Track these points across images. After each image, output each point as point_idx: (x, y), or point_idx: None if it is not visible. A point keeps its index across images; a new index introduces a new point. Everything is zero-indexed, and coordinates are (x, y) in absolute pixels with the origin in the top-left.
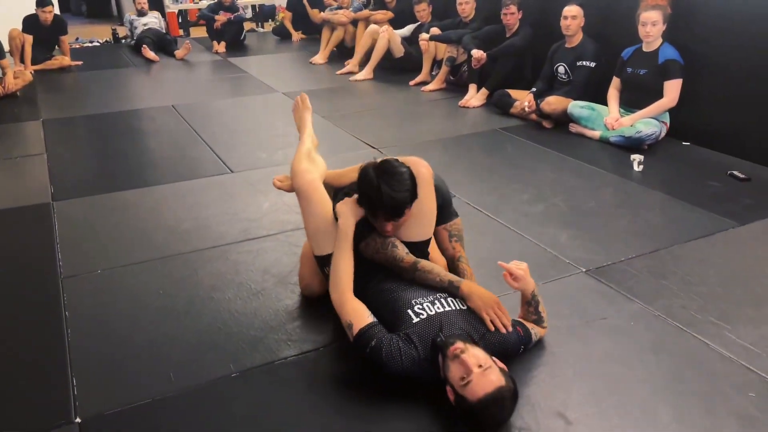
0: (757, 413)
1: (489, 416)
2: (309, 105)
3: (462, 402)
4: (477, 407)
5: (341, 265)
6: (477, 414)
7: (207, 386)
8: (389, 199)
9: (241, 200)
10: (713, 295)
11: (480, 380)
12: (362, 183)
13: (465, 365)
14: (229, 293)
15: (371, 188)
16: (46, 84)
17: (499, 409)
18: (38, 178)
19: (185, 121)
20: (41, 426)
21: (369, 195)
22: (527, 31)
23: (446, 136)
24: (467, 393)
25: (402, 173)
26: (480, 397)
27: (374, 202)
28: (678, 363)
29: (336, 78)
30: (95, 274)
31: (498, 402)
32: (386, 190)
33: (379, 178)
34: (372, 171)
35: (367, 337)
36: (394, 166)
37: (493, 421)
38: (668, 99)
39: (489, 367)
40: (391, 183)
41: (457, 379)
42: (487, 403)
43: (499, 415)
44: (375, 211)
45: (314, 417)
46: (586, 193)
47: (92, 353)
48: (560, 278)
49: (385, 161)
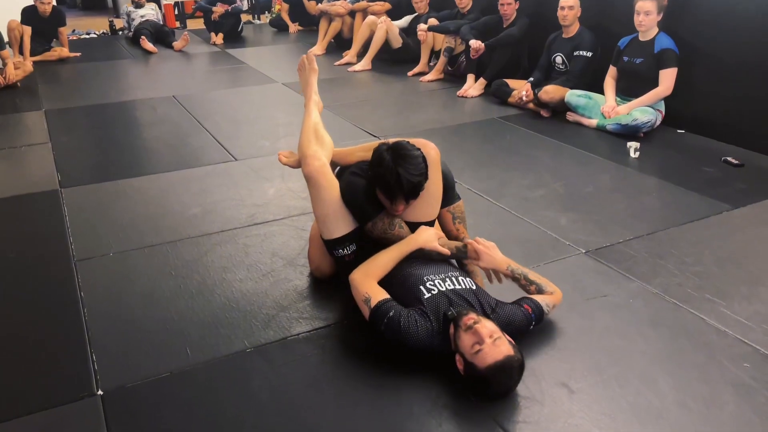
0: (752, 382)
1: (497, 384)
2: (315, 66)
3: (472, 370)
4: (486, 374)
5: (384, 260)
6: (486, 381)
7: (223, 360)
8: (407, 182)
9: (246, 187)
10: (709, 274)
11: (491, 349)
12: (378, 166)
13: (478, 334)
14: (240, 274)
15: (389, 172)
16: (45, 75)
17: (506, 377)
18: (44, 167)
19: (187, 111)
20: (66, 398)
21: (386, 179)
22: (524, 21)
23: (445, 125)
24: (477, 361)
25: (416, 156)
26: (489, 364)
27: (392, 186)
28: (676, 336)
29: (334, 69)
30: (107, 257)
31: (506, 370)
32: (404, 174)
33: (395, 162)
34: (387, 155)
35: (384, 308)
36: (408, 149)
37: (500, 389)
38: (663, 87)
39: (499, 338)
40: (408, 167)
41: (468, 348)
42: (495, 370)
43: (506, 383)
44: (394, 193)
45: (328, 387)
46: (585, 179)
47: (109, 331)
48: (561, 259)
49: (398, 144)
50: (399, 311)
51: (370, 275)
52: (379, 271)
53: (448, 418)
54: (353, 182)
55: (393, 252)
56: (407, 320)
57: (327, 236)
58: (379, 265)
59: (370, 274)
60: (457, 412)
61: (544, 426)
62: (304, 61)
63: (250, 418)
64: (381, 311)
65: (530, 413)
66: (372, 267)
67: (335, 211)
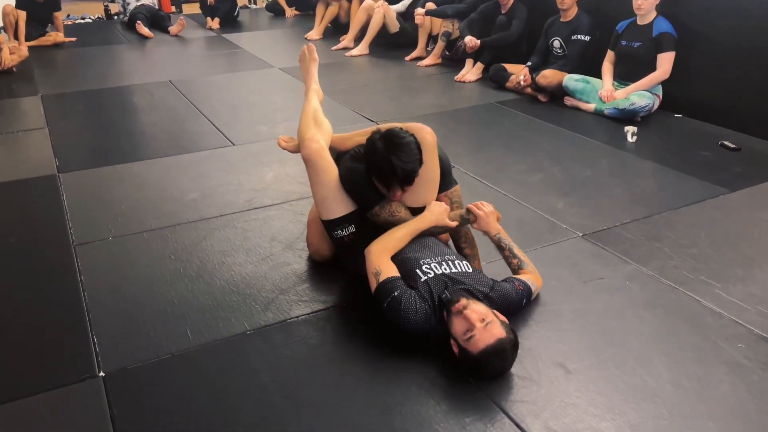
0: (746, 361)
1: (491, 366)
2: (316, 56)
3: (465, 354)
4: (480, 359)
5: (400, 235)
6: (480, 365)
7: (224, 343)
8: (401, 170)
9: (244, 171)
10: (704, 256)
11: (482, 334)
12: (372, 155)
13: (468, 320)
14: (239, 258)
15: (382, 160)
16: (41, 60)
17: (500, 359)
18: (42, 152)
19: (184, 96)
20: (68, 380)
21: (380, 167)
22: (522, 13)
23: (443, 110)
24: (470, 346)
25: (409, 143)
26: (482, 348)
27: (386, 174)
28: (671, 318)
29: (331, 54)
30: (106, 241)
31: (499, 353)
32: (397, 162)
33: (388, 150)
34: (380, 143)
35: (391, 286)
36: (401, 136)
37: (494, 371)
38: (661, 71)
39: (491, 322)
40: (401, 155)
41: (460, 334)
42: (488, 354)
43: (500, 365)
44: (389, 181)
45: (327, 369)
46: (582, 163)
47: (110, 314)
48: (558, 242)
49: (390, 132)
50: (403, 291)
51: (388, 249)
52: (396, 245)
53: (446, 398)
54: (353, 169)
55: (409, 227)
56: (408, 302)
57: (326, 216)
58: (396, 239)
59: (387, 248)
60: (454, 393)
61: (540, 406)
62: (305, 51)
63: (250, 399)
64: (387, 288)
65: (527, 393)
66: (389, 241)
67: (334, 193)
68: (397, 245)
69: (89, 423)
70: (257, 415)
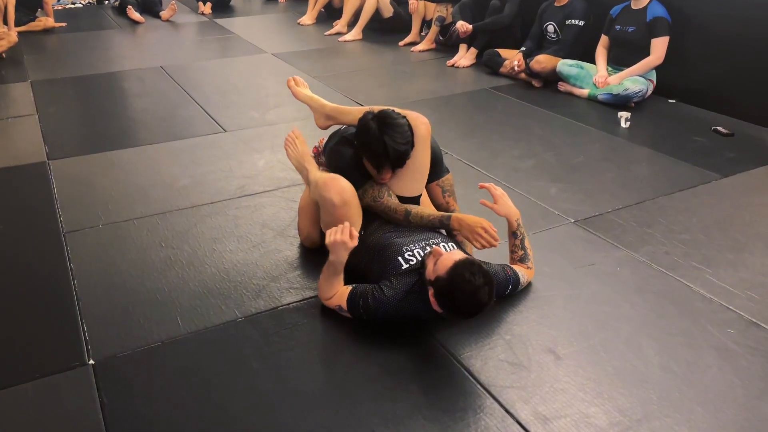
0: (735, 346)
1: (464, 283)
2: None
3: (439, 286)
4: (451, 277)
5: (329, 285)
6: (452, 286)
7: (215, 330)
8: (393, 151)
9: (235, 158)
10: (696, 242)
11: (448, 256)
12: (364, 135)
13: (436, 252)
14: (230, 245)
15: (375, 140)
16: (31, 46)
17: (469, 274)
18: (31, 139)
19: (175, 82)
20: (57, 368)
21: (372, 147)
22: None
23: (437, 96)
24: (440, 269)
25: (402, 125)
26: (449, 267)
27: (379, 154)
28: (662, 303)
29: (324, 39)
30: (96, 228)
31: (467, 266)
32: (390, 143)
33: (381, 131)
34: (373, 123)
35: (354, 300)
36: (394, 117)
37: (468, 288)
38: (655, 56)
39: (456, 251)
40: (394, 135)
41: (431, 270)
42: (457, 269)
43: (472, 282)
44: (380, 162)
45: (318, 356)
46: (575, 149)
47: (100, 301)
48: (550, 228)
49: (384, 112)
50: (365, 291)
51: (325, 290)
52: (329, 285)
53: (436, 384)
54: (340, 151)
55: (330, 281)
56: (373, 294)
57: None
58: (332, 290)
59: (325, 290)
60: (444, 379)
61: (530, 391)
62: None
63: (241, 386)
64: (353, 303)
65: (517, 379)
66: (323, 290)
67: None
68: (329, 285)
69: (79, 411)
70: (248, 403)
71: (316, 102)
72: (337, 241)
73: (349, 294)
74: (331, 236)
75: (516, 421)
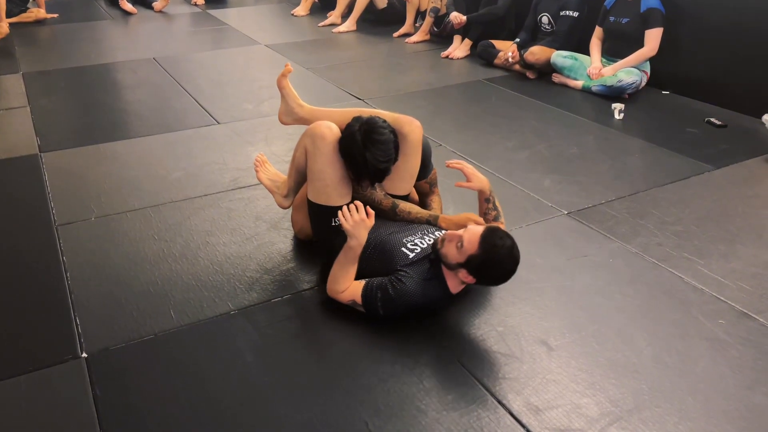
0: (726, 337)
1: (501, 249)
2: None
3: (475, 261)
4: (485, 249)
5: (344, 273)
6: (492, 256)
7: (208, 323)
8: (373, 168)
9: (229, 150)
10: (688, 233)
11: (470, 234)
12: (348, 143)
13: (453, 236)
14: (224, 238)
15: (357, 153)
16: (22, 37)
17: (500, 239)
18: (23, 131)
19: (168, 74)
20: (50, 361)
21: (354, 158)
22: None
23: (431, 87)
24: (468, 248)
25: (386, 141)
26: (478, 241)
27: (359, 167)
28: (654, 294)
29: (318, 30)
30: (89, 221)
31: (491, 234)
32: (371, 159)
33: (364, 144)
34: (359, 135)
35: (371, 293)
36: (380, 132)
37: (506, 252)
38: (649, 48)
39: (468, 227)
40: (376, 153)
41: (455, 251)
42: (487, 240)
43: (506, 243)
44: (360, 174)
45: (312, 348)
46: (569, 141)
47: (93, 294)
48: (543, 220)
49: (371, 124)
50: (382, 283)
51: (338, 281)
52: (344, 274)
53: (429, 375)
54: None
55: (345, 267)
56: (393, 285)
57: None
58: (344, 279)
59: (338, 280)
60: (437, 370)
61: (523, 382)
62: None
63: (234, 379)
64: (370, 298)
65: (509, 370)
66: (340, 281)
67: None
68: (344, 274)
69: (72, 404)
70: (241, 395)
71: (294, 99)
72: (356, 221)
73: (363, 288)
74: (348, 220)
75: (508, 411)
